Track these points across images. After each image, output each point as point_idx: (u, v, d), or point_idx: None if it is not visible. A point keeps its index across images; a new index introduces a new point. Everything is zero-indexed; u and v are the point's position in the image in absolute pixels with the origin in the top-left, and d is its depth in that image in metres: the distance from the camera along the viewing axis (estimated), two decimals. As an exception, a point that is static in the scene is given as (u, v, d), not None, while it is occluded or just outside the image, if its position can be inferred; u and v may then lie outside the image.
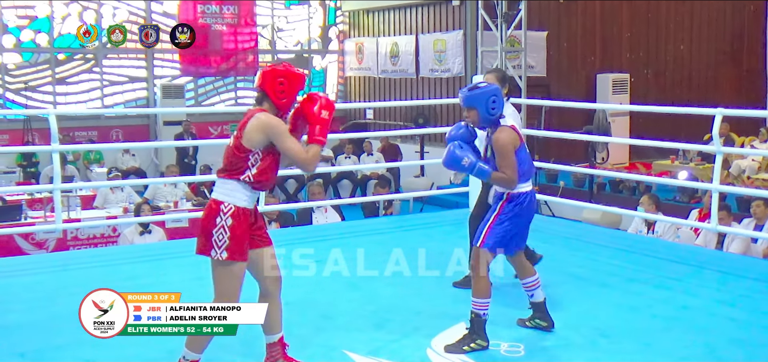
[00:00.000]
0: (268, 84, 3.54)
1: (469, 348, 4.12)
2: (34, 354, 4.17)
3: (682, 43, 16.52)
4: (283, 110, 3.56)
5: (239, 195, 3.52)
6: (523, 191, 4.19)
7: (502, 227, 4.17)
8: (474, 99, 4.12)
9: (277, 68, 3.58)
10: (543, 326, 4.42)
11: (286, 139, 3.49)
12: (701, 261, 6.05)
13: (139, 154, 14.90)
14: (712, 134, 6.28)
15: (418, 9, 16.04)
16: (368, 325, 4.50)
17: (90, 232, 9.77)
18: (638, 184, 11.26)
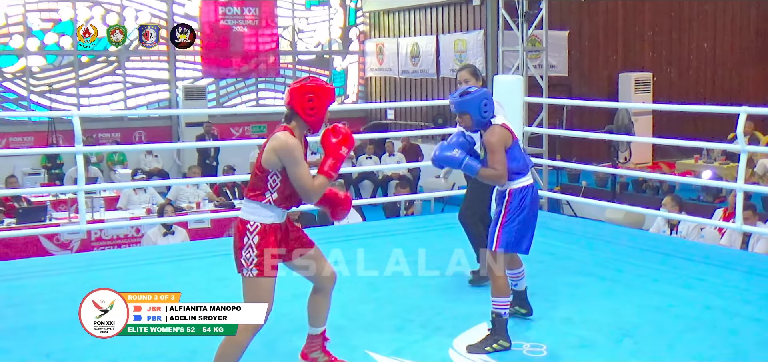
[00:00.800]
0: (297, 101, 3.48)
1: (491, 349, 4.14)
2: (59, 353, 4.20)
3: (706, 42, 16.47)
4: (313, 127, 3.51)
5: (264, 212, 3.52)
6: (523, 186, 4.22)
7: (511, 226, 4.21)
8: (466, 104, 4.16)
9: (306, 84, 3.52)
10: (522, 312, 4.60)
11: (297, 166, 3.43)
12: (726, 261, 5.99)
13: (161, 155, 14.98)
14: (737, 133, 6.24)
15: (439, 9, 16.04)
16: (390, 326, 4.51)
17: (114, 233, 9.86)
18: (662, 184, 11.20)
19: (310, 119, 3.47)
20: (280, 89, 17.45)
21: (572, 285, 5.24)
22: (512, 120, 7.33)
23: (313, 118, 3.48)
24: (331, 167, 3.51)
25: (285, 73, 17.52)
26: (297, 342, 3.99)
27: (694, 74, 16.31)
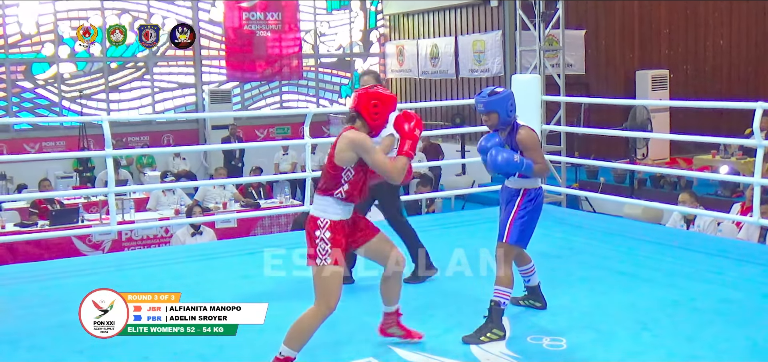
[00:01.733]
0: (363, 105, 3.81)
1: (486, 338, 4.20)
2: (91, 350, 4.22)
3: (722, 38, 16.37)
4: (375, 130, 3.82)
5: (333, 209, 3.80)
6: (536, 187, 4.44)
7: (522, 221, 4.37)
8: (495, 103, 4.33)
9: (371, 91, 3.85)
10: (537, 306, 4.71)
11: (374, 154, 3.73)
12: (743, 255, 5.98)
13: (189, 157, 15.10)
14: (753, 128, 6.24)
15: (457, 10, 16.10)
16: (413, 321, 4.41)
17: (143, 233, 10.00)
18: (679, 179, 11.18)
19: (373, 122, 3.81)
20: (303, 92, 17.60)
21: (591, 280, 5.25)
22: (530, 118, 7.30)
23: (376, 122, 3.81)
24: (410, 147, 3.79)
25: (308, 76, 17.62)
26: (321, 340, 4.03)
27: (710, 70, 16.19)
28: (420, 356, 4.08)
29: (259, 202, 11.55)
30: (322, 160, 14.72)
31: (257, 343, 4.17)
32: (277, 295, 4.83)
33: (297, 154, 14.46)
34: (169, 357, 4.15)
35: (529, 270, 4.66)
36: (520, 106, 7.34)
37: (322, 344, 4.14)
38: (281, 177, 12.15)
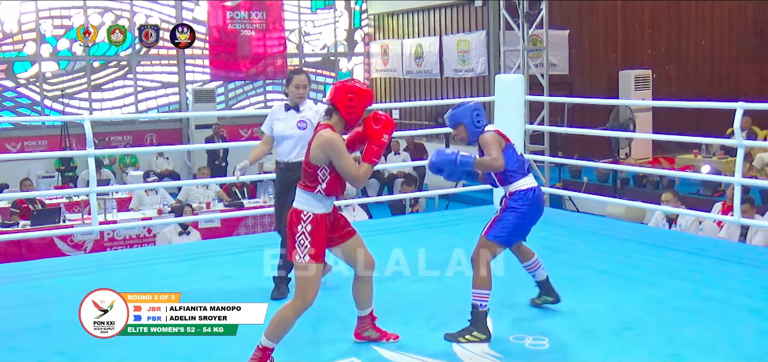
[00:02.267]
0: (339, 98, 3.80)
1: (465, 340, 4.15)
2: (73, 351, 4.20)
3: (704, 39, 16.49)
4: (350, 123, 3.83)
5: (316, 204, 3.83)
6: (524, 188, 4.33)
7: (503, 219, 4.32)
8: (458, 116, 4.34)
9: (347, 84, 3.83)
10: (550, 300, 4.63)
11: (341, 158, 3.74)
12: (724, 254, 6.03)
13: (172, 156, 15.03)
14: (734, 128, 6.27)
15: (442, 10, 16.10)
16: (396, 321, 4.44)
17: (126, 233, 9.95)
18: (661, 179, 11.24)
19: (348, 116, 3.80)
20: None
21: (574, 279, 5.26)
22: (513, 118, 7.44)
23: (351, 116, 3.81)
24: (374, 153, 3.81)
25: None
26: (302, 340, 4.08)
27: (692, 71, 16.29)
28: (403, 356, 4.06)
29: (242, 202, 11.50)
30: (306, 159, 14.79)
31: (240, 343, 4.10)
32: (260, 296, 4.82)
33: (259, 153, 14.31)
34: (152, 357, 4.14)
35: (533, 264, 4.58)
36: (504, 105, 7.64)
37: (304, 342, 4.15)
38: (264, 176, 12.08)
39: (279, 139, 5.18)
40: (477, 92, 14.95)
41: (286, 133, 5.13)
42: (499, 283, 4.95)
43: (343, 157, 3.76)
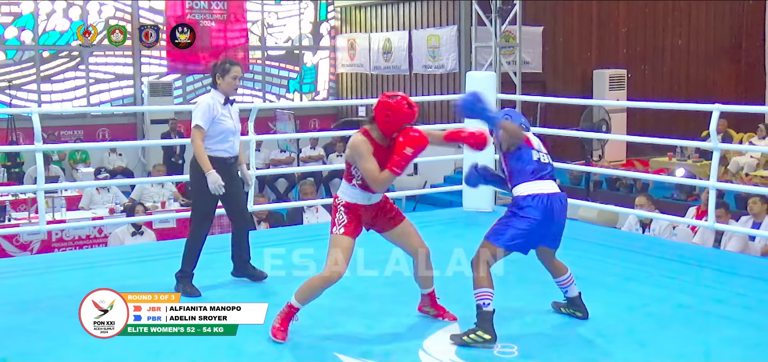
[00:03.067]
0: (377, 113, 4.30)
1: (469, 340, 4.21)
2: (16, 357, 4.14)
3: (680, 39, 16.62)
4: (385, 135, 4.28)
5: (350, 193, 4.35)
6: (526, 193, 4.31)
7: (504, 221, 4.36)
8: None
9: (390, 102, 4.27)
10: (578, 315, 4.63)
11: (361, 160, 4.23)
12: (698, 260, 6.09)
13: (125, 153, 14.80)
14: (710, 130, 6.33)
15: (411, 4, 15.98)
16: (360, 326, 4.53)
17: (75, 234, 9.78)
18: (635, 182, 11.26)
19: (383, 128, 4.28)
20: (249, 85, 17.35)
21: (544, 284, 5.20)
22: None
23: (386, 129, 4.28)
24: (395, 163, 4.20)
25: (254, 69, 17.40)
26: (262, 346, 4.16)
27: (668, 71, 16.46)
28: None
29: None
30: (268, 158, 14.42)
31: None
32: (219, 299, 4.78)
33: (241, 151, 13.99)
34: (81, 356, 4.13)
35: (565, 281, 4.61)
36: None
37: (264, 350, 4.15)
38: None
39: (225, 134, 5.23)
40: (447, 89, 14.94)
41: (232, 128, 5.28)
42: (468, 291, 4.94)
43: (363, 160, 4.22)
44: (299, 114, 15.46)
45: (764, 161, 11.70)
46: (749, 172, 11.56)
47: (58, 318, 4.68)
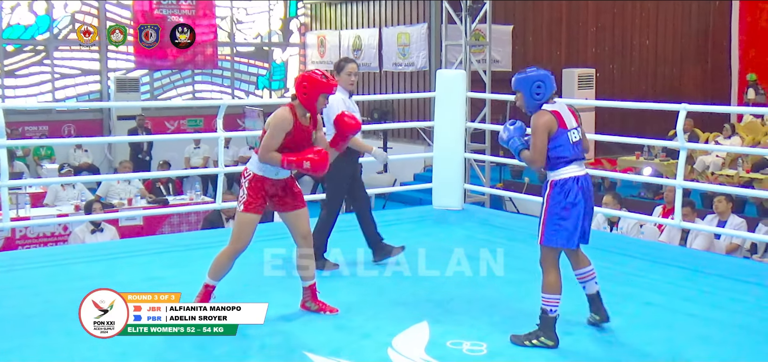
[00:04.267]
0: (297, 85, 4.46)
1: (531, 344, 4.20)
2: None
3: (648, 38, 16.72)
4: (308, 107, 4.43)
5: (259, 166, 4.44)
6: (565, 177, 4.20)
7: (552, 218, 4.22)
8: (520, 82, 4.31)
9: (305, 74, 4.46)
10: (596, 319, 4.49)
11: (270, 134, 4.35)
12: (665, 258, 6.12)
13: (91, 149, 14.63)
14: (676, 130, 6.35)
15: (382, 1, 15.96)
16: (329, 325, 4.51)
17: (40, 231, 9.64)
18: (603, 180, 11.31)
19: (304, 101, 4.41)
20: (217, 82, 17.25)
21: (513, 283, 5.25)
22: (454, 115, 7.42)
23: (305, 101, 4.41)
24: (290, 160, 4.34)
25: (223, 65, 17.27)
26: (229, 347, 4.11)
27: (636, 71, 16.56)
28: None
29: (167, 199, 11.25)
30: (237, 155, 14.34)
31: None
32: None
33: (210, 148, 14.11)
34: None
35: (585, 275, 4.44)
36: (445, 102, 7.44)
37: (231, 350, 4.10)
38: (192, 172, 11.73)
39: None
40: (417, 87, 14.95)
41: None
42: (438, 289, 5.08)
43: (270, 133, 4.36)
44: (269, 111, 15.40)
45: (729, 160, 11.76)
46: (715, 171, 11.66)
47: (21, 317, 4.64)
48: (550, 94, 4.26)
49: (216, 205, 7.44)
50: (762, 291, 5.25)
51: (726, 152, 11.59)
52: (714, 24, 17.36)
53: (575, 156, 4.25)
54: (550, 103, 4.25)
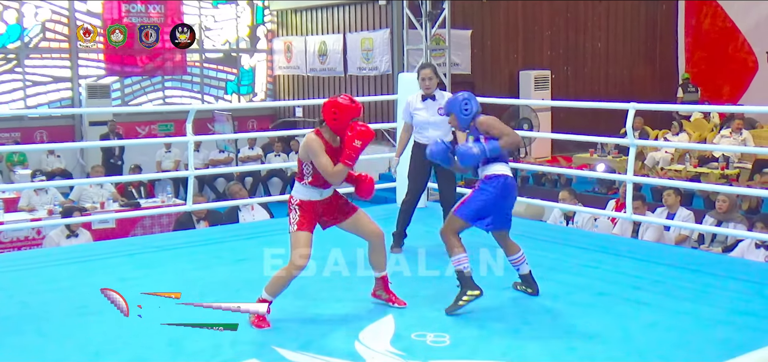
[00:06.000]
0: (325, 112, 4.53)
1: (464, 302, 4.57)
2: None
3: (599, 41, 16.95)
4: (337, 132, 4.52)
5: (303, 191, 4.56)
6: (496, 173, 4.75)
7: (469, 198, 4.77)
8: (449, 105, 4.91)
9: (335, 100, 4.53)
10: (529, 292, 4.98)
11: (316, 157, 4.45)
12: (618, 250, 6.23)
13: (64, 155, 14.54)
14: (626, 128, 6.48)
15: (346, 8, 16.05)
16: (297, 320, 4.51)
17: (13, 235, 9.62)
18: (559, 177, 11.52)
19: (333, 126, 4.51)
20: (187, 87, 17.15)
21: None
22: None
23: (336, 125, 4.50)
24: (347, 156, 4.43)
25: (192, 71, 17.19)
26: (202, 343, 4.11)
27: (589, 72, 16.73)
28: (304, 356, 4.05)
29: (139, 202, 11.27)
30: (207, 158, 14.51)
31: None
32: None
33: (180, 151, 14.10)
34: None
35: (517, 259, 4.95)
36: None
37: (203, 347, 4.10)
38: (162, 175, 11.82)
39: (423, 125, 6.03)
40: (381, 90, 14.99)
41: (430, 120, 6.00)
42: (402, 281, 5.09)
43: (317, 157, 4.44)
44: (237, 115, 15.43)
45: (678, 156, 11.88)
46: (664, 166, 11.79)
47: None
48: (476, 110, 4.85)
49: (187, 207, 7.42)
50: (708, 279, 5.36)
51: (674, 148, 11.74)
52: (661, 26, 17.62)
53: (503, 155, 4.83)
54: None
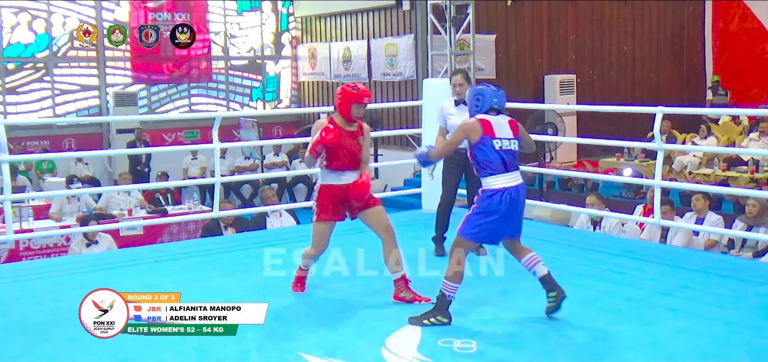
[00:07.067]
0: (335, 98, 4.90)
1: (429, 322, 4.49)
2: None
3: (625, 44, 16.82)
4: (343, 115, 4.88)
5: (322, 175, 4.87)
6: (492, 187, 4.54)
7: (471, 215, 4.59)
8: (467, 93, 4.92)
9: (343, 87, 4.91)
10: (553, 299, 4.62)
11: (312, 137, 4.79)
12: (645, 255, 6.19)
13: (92, 162, 14.70)
14: (654, 132, 6.46)
15: (370, 14, 16.07)
16: (324, 327, 4.51)
17: (43, 242, 9.64)
18: (586, 182, 11.45)
19: (339, 109, 4.86)
20: (213, 94, 17.27)
21: (500, 281, 5.31)
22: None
23: (341, 110, 4.86)
24: (310, 148, 4.79)
25: (217, 79, 17.30)
26: (229, 350, 4.13)
27: (615, 75, 16.62)
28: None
29: (166, 208, 11.32)
30: (232, 165, 14.59)
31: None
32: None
33: (206, 158, 14.18)
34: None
35: (531, 260, 4.68)
36: (432, 109, 7.63)
37: (230, 353, 4.08)
38: (189, 182, 11.88)
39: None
40: (405, 96, 14.99)
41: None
42: (431, 291, 4.93)
43: (312, 137, 4.79)
44: (263, 122, 15.52)
45: (706, 160, 11.84)
46: (692, 170, 11.74)
47: (25, 326, 4.66)
48: (487, 106, 4.62)
49: (213, 214, 7.42)
50: (738, 285, 5.33)
51: (702, 152, 11.64)
52: (688, 28, 17.47)
53: (503, 163, 4.54)
54: (489, 114, 4.61)
